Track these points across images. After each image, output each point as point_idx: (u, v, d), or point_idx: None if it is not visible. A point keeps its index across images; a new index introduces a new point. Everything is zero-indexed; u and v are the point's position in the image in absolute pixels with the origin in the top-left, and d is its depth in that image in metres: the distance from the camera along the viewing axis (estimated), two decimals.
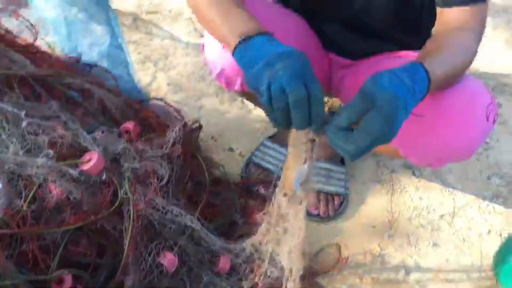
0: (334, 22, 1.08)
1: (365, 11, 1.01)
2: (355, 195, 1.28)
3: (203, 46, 1.04)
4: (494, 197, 1.30)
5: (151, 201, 0.96)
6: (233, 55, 0.74)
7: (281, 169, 0.81)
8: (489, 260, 1.16)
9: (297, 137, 0.74)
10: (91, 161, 0.92)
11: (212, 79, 1.58)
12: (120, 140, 1.03)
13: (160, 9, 1.85)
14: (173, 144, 1.09)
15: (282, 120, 0.66)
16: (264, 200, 1.21)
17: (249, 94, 1.07)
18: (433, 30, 0.96)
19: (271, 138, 1.34)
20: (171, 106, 1.33)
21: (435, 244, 1.19)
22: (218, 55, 0.97)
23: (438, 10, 0.91)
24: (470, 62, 0.86)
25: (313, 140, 0.73)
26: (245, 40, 0.72)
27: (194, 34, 1.75)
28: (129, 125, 1.09)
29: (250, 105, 1.50)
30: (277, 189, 0.79)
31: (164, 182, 1.02)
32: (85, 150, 0.96)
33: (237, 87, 1.02)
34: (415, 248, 1.19)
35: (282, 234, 0.81)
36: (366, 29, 1.06)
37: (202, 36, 1.74)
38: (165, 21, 1.80)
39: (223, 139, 1.41)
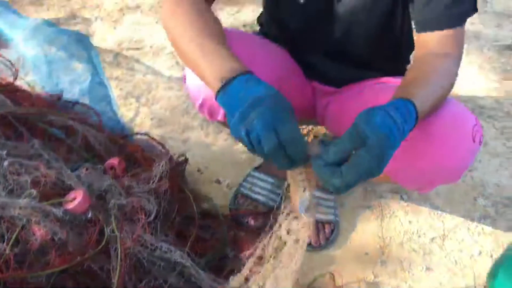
0: (316, 52, 1.09)
1: (346, 40, 1.03)
2: (345, 222, 1.27)
3: (184, 78, 1.04)
4: (482, 218, 1.31)
5: (139, 238, 0.94)
6: (216, 99, 0.74)
7: (282, 197, 0.80)
8: (482, 281, 1.16)
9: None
10: (76, 199, 0.90)
11: (196, 112, 1.57)
12: (105, 176, 1.01)
13: (141, 45, 1.86)
14: (160, 178, 1.07)
15: (269, 161, 0.69)
16: (255, 232, 1.20)
17: None
18: (413, 55, 0.98)
19: (258, 168, 1.33)
20: (155, 140, 1.32)
21: (428, 268, 1.18)
22: (200, 86, 0.97)
23: (417, 35, 0.93)
24: (452, 86, 0.88)
25: (307, 171, 0.72)
26: (225, 84, 0.72)
27: (176, 68, 1.76)
28: (114, 161, 1.07)
29: None
30: (282, 215, 0.78)
31: (151, 217, 1.00)
32: (69, 189, 0.94)
33: (220, 117, 1.02)
34: (409, 273, 1.17)
35: (277, 266, 0.79)
36: (348, 58, 1.07)
37: (183, 69, 1.75)
38: (147, 56, 1.81)
39: (209, 171, 1.39)
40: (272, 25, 1.15)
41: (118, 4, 2.07)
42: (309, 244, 1.20)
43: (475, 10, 0.89)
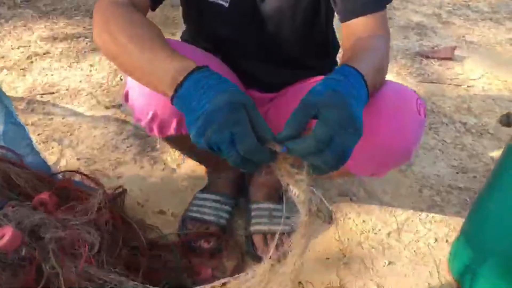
0: (248, 57, 1.07)
1: (275, 39, 1.03)
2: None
3: (126, 96, 0.95)
4: (431, 207, 1.33)
5: (84, 272, 0.82)
6: (172, 104, 0.70)
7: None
8: (444, 265, 1.15)
9: (279, 167, 0.68)
10: (5, 237, 0.77)
11: (127, 147, 1.48)
12: (36, 212, 0.89)
13: (55, 89, 1.75)
14: (99, 208, 0.97)
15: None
16: (209, 255, 1.12)
17: (183, 138, 0.98)
18: (343, 46, 0.99)
19: (203, 190, 1.26)
20: (86, 175, 1.20)
21: (390, 263, 1.16)
22: (148, 98, 0.90)
23: (343, 25, 0.95)
24: (386, 64, 0.88)
25: (297, 164, 0.68)
26: (177, 89, 0.68)
27: (98, 107, 1.66)
28: (44, 195, 0.95)
29: (172, 164, 1.42)
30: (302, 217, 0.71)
31: (95, 250, 0.89)
32: None
33: (172, 130, 0.94)
34: (373, 270, 1.14)
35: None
36: (281, 58, 1.07)
37: (107, 107, 1.66)
38: (64, 99, 1.70)
39: (150, 203, 1.29)
40: (199, 38, 1.12)
41: (24, 53, 1.96)
42: (269, 258, 1.13)
43: None
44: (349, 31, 0.93)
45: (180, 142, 1.06)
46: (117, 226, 1.01)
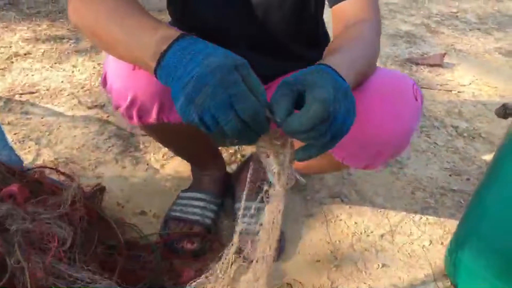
0: (238, 46, 1.02)
1: (265, 27, 0.98)
2: (290, 233, 1.16)
3: (104, 81, 0.88)
4: (424, 209, 1.27)
5: (53, 268, 0.75)
6: (156, 77, 0.63)
7: None
8: (440, 269, 1.10)
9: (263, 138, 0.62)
10: None
11: (109, 146, 1.41)
12: (2, 203, 0.82)
13: (35, 89, 1.68)
14: (73, 203, 0.90)
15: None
16: (193, 256, 1.05)
17: (165, 126, 0.92)
18: (333, 32, 0.95)
19: (188, 189, 1.19)
20: (61, 172, 1.14)
21: (384, 265, 1.10)
22: (127, 80, 0.83)
23: (332, 12, 0.91)
24: (375, 52, 0.83)
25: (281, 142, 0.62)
26: (160, 59, 0.61)
27: (79, 107, 1.60)
28: (13, 187, 0.88)
29: (156, 165, 1.36)
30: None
31: (67, 246, 0.82)
32: None
33: (153, 116, 0.87)
34: (365, 273, 1.08)
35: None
36: (270, 48, 1.02)
37: (89, 108, 1.60)
38: (44, 99, 1.63)
39: (132, 204, 1.22)
40: (184, 28, 1.06)
41: (5, 54, 1.89)
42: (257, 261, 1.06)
43: None
44: (337, 16, 0.89)
45: (161, 132, 1.00)
46: (92, 223, 0.94)
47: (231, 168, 1.34)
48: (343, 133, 0.58)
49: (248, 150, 1.42)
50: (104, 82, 0.87)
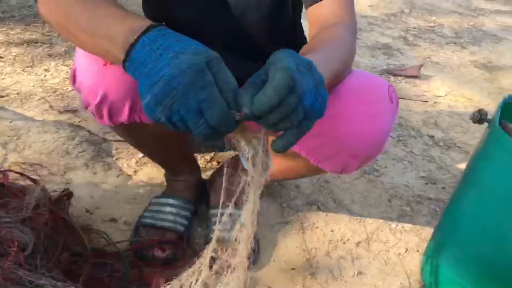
0: (214, 45, 1.01)
1: (242, 28, 0.97)
2: (265, 240, 1.13)
3: (73, 77, 0.85)
4: (400, 217, 1.27)
5: (12, 273, 0.71)
6: (126, 70, 0.60)
7: None
8: (416, 277, 1.08)
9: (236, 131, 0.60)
10: None
11: (79, 152, 1.37)
12: None
13: (5, 93, 1.63)
14: (37, 206, 0.86)
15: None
16: (163, 264, 1.01)
17: (137, 127, 0.89)
18: (309, 33, 0.94)
19: (161, 195, 1.16)
20: (28, 177, 1.09)
21: (359, 273, 1.08)
22: (97, 76, 0.79)
23: (308, 13, 0.90)
24: (351, 53, 0.82)
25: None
26: (128, 52, 0.58)
27: (50, 112, 1.55)
28: None
29: (128, 170, 1.32)
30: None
31: (28, 251, 0.78)
32: None
33: (124, 116, 0.84)
34: (341, 281, 1.06)
35: None
36: (247, 49, 1.00)
37: (60, 112, 1.55)
38: (14, 103, 1.58)
39: (101, 211, 1.18)
40: None
41: None
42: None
43: None
44: (313, 18, 0.88)
45: (134, 134, 0.97)
46: (57, 229, 0.90)
47: (207, 175, 1.31)
48: (317, 111, 0.56)
49: (225, 156, 1.39)
50: (74, 79, 0.84)
